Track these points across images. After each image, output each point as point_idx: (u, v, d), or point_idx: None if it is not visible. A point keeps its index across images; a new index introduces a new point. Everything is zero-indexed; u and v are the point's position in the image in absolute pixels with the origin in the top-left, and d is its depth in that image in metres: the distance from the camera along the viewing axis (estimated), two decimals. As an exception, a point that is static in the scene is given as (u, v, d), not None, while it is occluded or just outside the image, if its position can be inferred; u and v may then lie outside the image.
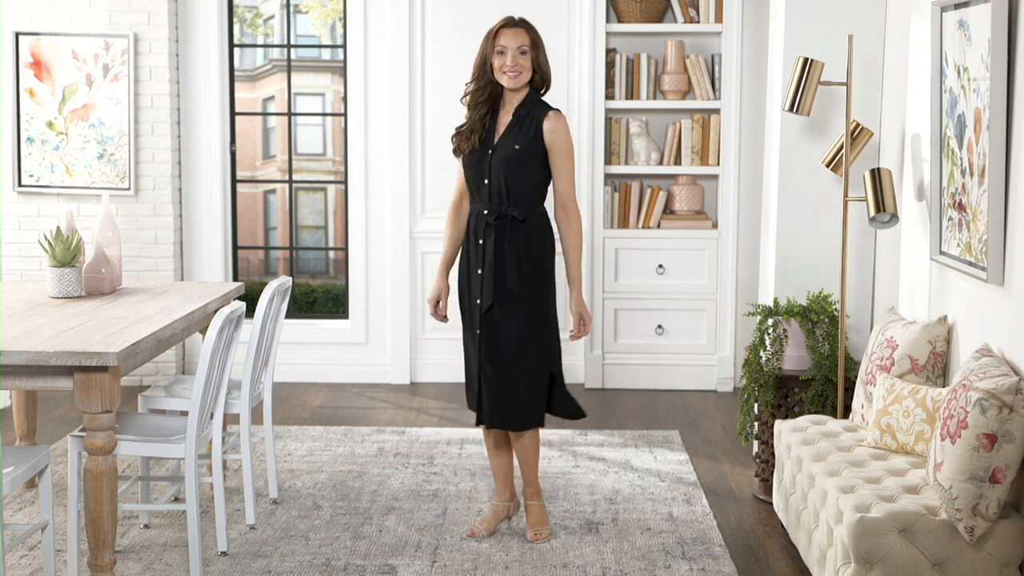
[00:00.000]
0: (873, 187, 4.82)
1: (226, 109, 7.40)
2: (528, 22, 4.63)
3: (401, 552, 4.60)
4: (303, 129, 8.18)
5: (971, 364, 3.76)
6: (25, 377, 3.94)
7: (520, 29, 4.57)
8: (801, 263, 5.37)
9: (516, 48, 4.53)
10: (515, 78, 4.53)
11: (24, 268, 7.32)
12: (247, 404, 4.84)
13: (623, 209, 7.26)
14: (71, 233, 4.91)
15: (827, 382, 5.04)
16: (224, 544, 4.51)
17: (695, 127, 7.18)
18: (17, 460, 3.90)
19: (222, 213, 7.41)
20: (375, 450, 5.93)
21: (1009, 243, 3.82)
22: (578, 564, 4.49)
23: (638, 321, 7.29)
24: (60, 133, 7.20)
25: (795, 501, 4.36)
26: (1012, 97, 3.79)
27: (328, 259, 8.51)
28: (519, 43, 4.53)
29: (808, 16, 5.29)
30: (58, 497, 5.07)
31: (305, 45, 8.07)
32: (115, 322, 4.36)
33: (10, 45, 7.16)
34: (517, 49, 4.53)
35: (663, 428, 6.44)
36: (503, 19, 4.62)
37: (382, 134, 7.35)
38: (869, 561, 3.58)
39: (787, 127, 5.37)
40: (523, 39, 4.54)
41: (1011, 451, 3.45)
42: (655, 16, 7.19)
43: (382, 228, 7.39)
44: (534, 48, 4.56)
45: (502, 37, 4.54)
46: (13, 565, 4.41)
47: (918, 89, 4.80)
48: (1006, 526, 3.55)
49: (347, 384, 7.42)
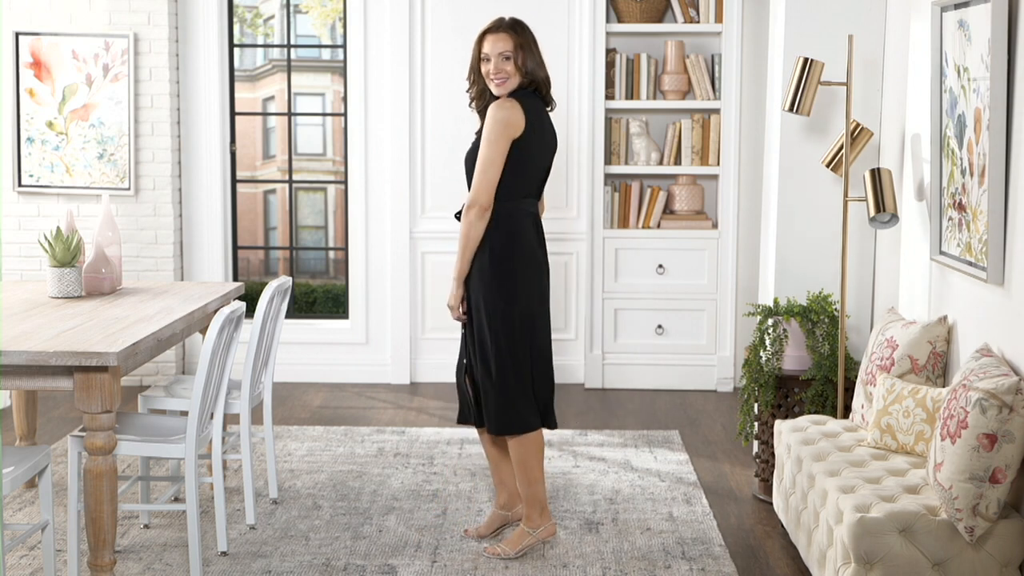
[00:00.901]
0: (873, 187, 4.82)
1: (226, 109, 7.40)
2: (517, 24, 4.45)
3: (401, 552, 4.60)
4: (303, 129, 8.18)
5: (971, 364, 3.76)
6: (25, 377, 3.94)
7: (503, 34, 4.40)
8: (801, 263, 5.37)
9: (499, 55, 4.37)
10: (500, 85, 4.39)
11: (24, 268, 7.32)
12: (247, 404, 4.84)
13: (623, 209, 7.26)
14: (71, 233, 4.91)
15: (827, 382, 5.04)
16: (224, 544, 4.51)
17: (695, 127, 7.18)
18: (17, 460, 3.90)
19: (222, 213, 7.41)
20: (375, 450, 5.93)
21: (1009, 243, 3.82)
22: (578, 564, 4.49)
23: (638, 321, 7.29)
24: (60, 133, 7.20)
25: (795, 501, 4.36)
26: (1012, 97, 3.79)
27: (328, 259, 8.51)
28: (501, 49, 4.37)
29: (808, 16, 5.29)
30: (58, 497, 5.07)
31: (305, 45, 8.07)
32: (115, 322, 4.36)
33: (10, 45, 7.16)
34: (500, 55, 4.37)
35: (663, 428, 6.44)
36: (490, 23, 4.46)
37: (382, 134, 7.35)
38: (869, 561, 3.58)
39: (787, 127, 5.37)
40: (506, 44, 4.37)
41: (1011, 451, 3.45)
42: (655, 16, 7.19)
43: (382, 228, 7.39)
44: (520, 51, 4.38)
45: (485, 44, 4.41)
46: (13, 565, 4.41)
47: (918, 89, 4.80)
48: (1006, 526, 3.55)
49: (347, 384, 7.42)
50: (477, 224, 4.36)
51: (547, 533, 4.61)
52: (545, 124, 4.49)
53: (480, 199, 4.34)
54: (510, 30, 4.42)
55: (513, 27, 4.43)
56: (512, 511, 4.78)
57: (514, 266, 4.41)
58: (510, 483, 4.75)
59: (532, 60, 4.41)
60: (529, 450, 4.52)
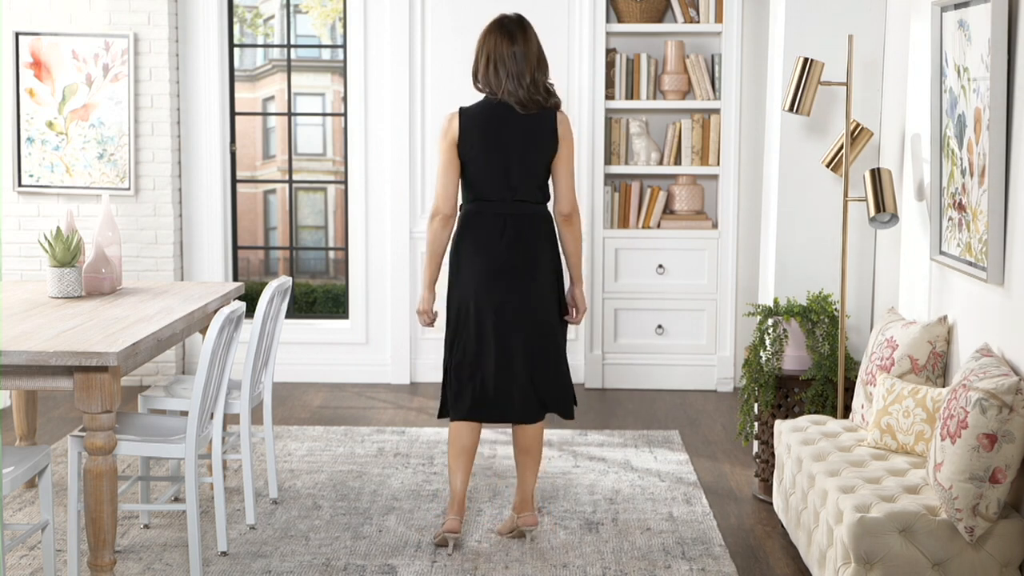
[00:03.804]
0: (873, 187, 4.83)
1: (226, 109, 7.40)
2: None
3: (401, 552, 4.60)
4: (303, 129, 8.18)
5: (971, 364, 3.76)
6: (25, 377, 3.94)
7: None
8: (801, 263, 5.38)
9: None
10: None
11: (24, 268, 7.32)
12: (247, 404, 4.84)
13: (623, 209, 7.26)
14: (71, 233, 4.91)
15: (827, 382, 5.04)
16: (224, 544, 4.51)
17: (695, 127, 7.18)
18: (17, 460, 3.90)
19: (222, 213, 7.41)
20: (375, 450, 5.93)
21: (1009, 243, 3.82)
22: (578, 564, 4.49)
23: (638, 321, 7.29)
24: (60, 133, 7.20)
25: (795, 501, 4.36)
26: (1012, 97, 3.79)
27: (328, 259, 8.51)
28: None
29: (808, 16, 5.29)
30: (58, 497, 5.07)
31: (305, 45, 8.07)
32: (115, 322, 4.36)
33: (10, 45, 7.16)
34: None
35: (663, 428, 6.44)
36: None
37: (382, 134, 7.35)
38: (869, 561, 3.58)
39: (787, 127, 5.37)
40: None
41: (1011, 451, 3.45)
42: (655, 16, 7.19)
43: (382, 228, 7.39)
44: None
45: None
46: (13, 565, 4.41)
47: (918, 89, 4.80)
48: (1006, 526, 3.55)
49: (347, 384, 7.42)
50: (439, 232, 4.61)
51: (443, 529, 4.62)
52: (505, 125, 4.51)
53: (437, 207, 4.59)
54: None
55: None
56: (520, 515, 4.72)
57: (458, 260, 4.61)
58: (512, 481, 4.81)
59: (474, 66, 4.59)
60: (448, 438, 4.73)
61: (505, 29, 4.53)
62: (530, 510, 4.69)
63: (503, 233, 4.55)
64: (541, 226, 4.60)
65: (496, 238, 4.55)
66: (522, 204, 4.56)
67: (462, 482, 4.63)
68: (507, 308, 4.55)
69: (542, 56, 4.56)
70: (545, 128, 4.53)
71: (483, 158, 4.52)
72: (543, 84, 4.55)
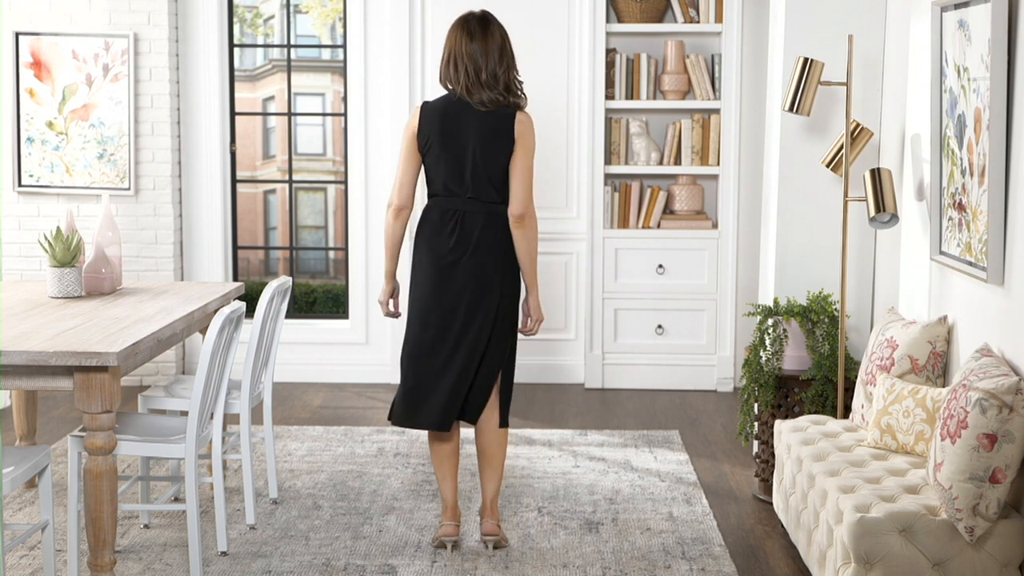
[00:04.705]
0: (873, 187, 4.83)
1: (226, 109, 7.40)
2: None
3: (401, 552, 4.60)
4: (303, 129, 8.18)
5: (971, 364, 3.76)
6: (25, 377, 3.94)
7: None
8: (801, 263, 5.37)
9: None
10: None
11: (24, 268, 7.32)
12: (247, 404, 4.84)
13: (623, 209, 7.26)
14: (71, 233, 4.91)
15: (827, 382, 5.04)
16: (224, 544, 4.51)
17: (695, 127, 7.18)
18: (17, 460, 3.90)
19: (222, 213, 7.41)
20: (375, 450, 5.93)
21: (1009, 243, 3.82)
22: (578, 564, 4.49)
23: (638, 321, 7.29)
24: (60, 133, 7.20)
25: (795, 501, 4.36)
26: (1012, 97, 3.79)
27: (328, 259, 8.51)
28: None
29: (808, 16, 5.29)
30: (58, 497, 5.07)
31: (305, 45, 8.07)
32: (115, 322, 4.36)
33: (10, 45, 7.16)
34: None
35: (663, 428, 6.44)
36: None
37: (382, 134, 7.35)
38: (869, 561, 3.58)
39: (787, 127, 5.37)
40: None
41: (1011, 451, 3.45)
42: (655, 16, 7.19)
43: (382, 228, 7.39)
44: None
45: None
46: (13, 565, 4.41)
47: (918, 89, 4.80)
48: (1006, 526, 3.55)
49: (347, 384, 7.42)
50: (392, 223, 4.60)
51: (439, 534, 4.61)
52: (462, 121, 4.47)
53: (391, 198, 4.60)
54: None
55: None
56: (482, 521, 4.67)
57: (415, 255, 4.61)
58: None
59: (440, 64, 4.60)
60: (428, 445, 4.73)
61: (466, 26, 4.47)
62: (491, 517, 4.61)
63: (452, 230, 4.48)
64: (493, 226, 4.50)
65: (444, 234, 4.49)
66: (474, 202, 4.48)
67: (451, 488, 4.60)
68: (446, 307, 4.49)
69: (505, 52, 4.46)
70: (501, 127, 4.45)
71: (438, 153, 4.49)
72: (504, 81, 4.46)
